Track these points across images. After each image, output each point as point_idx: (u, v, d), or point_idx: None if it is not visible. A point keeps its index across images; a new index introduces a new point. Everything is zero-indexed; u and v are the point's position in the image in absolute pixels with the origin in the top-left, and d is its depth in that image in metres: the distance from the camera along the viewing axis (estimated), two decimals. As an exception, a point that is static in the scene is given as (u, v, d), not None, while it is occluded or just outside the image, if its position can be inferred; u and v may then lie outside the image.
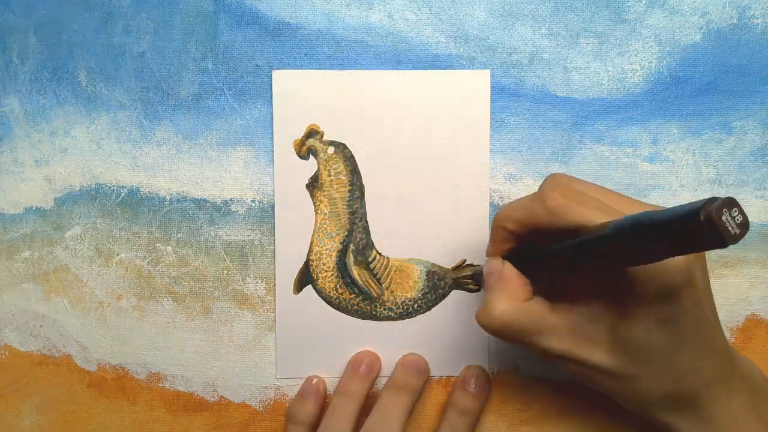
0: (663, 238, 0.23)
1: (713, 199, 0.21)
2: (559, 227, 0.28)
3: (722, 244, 0.21)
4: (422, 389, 0.38)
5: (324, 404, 0.38)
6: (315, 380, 0.38)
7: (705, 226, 0.20)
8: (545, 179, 0.30)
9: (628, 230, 0.24)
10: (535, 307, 0.30)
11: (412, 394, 0.36)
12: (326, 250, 0.38)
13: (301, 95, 0.37)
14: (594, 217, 0.27)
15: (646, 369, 0.29)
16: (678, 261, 0.26)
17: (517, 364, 0.39)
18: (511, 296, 0.30)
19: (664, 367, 0.29)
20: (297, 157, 0.38)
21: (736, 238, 0.21)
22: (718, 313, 0.32)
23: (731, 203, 0.21)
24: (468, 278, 0.38)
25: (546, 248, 0.30)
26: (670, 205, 0.38)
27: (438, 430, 0.37)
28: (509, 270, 0.31)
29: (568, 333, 0.30)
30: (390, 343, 0.38)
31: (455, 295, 0.38)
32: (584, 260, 0.28)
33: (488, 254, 0.33)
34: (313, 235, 0.38)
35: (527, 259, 0.32)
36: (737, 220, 0.21)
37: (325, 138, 0.38)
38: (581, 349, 0.29)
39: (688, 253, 0.23)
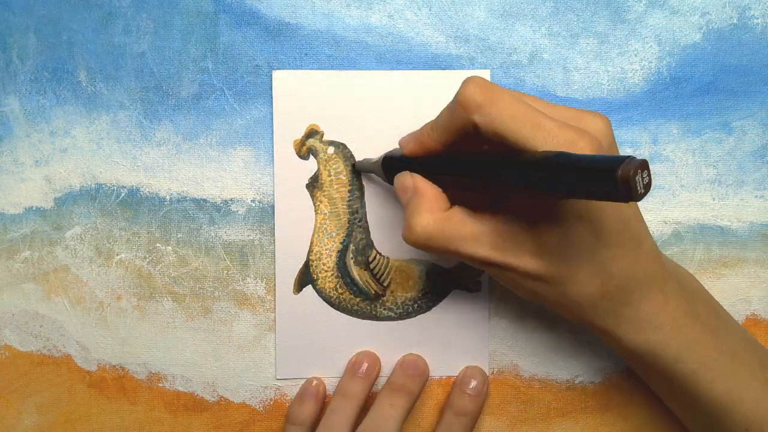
0: (582, 182, 0.24)
1: (630, 159, 0.22)
2: (478, 126, 0.28)
3: (629, 199, 0.22)
4: (421, 391, 0.37)
5: (324, 405, 0.38)
6: (315, 382, 0.38)
7: (620, 183, 0.22)
8: (461, 84, 0.29)
9: (554, 165, 0.25)
10: (456, 216, 0.30)
11: (410, 397, 0.36)
12: (326, 250, 0.38)
13: (301, 95, 0.37)
14: (509, 118, 0.27)
15: (574, 270, 0.29)
16: (589, 151, 0.26)
17: (517, 364, 0.39)
18: (429, 208, 0.30)
19: (591, 267, 0.28)
20: (297, 157, 0.38)
21: (641, 197, 0.22)
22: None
23: (644, 165, 0.22)
24: (468, 277, 0.38)
25: (467, 161, 0.30)
26: (670, 205, 0.38)
27: (435, 430, 0.37)
28: (421, 183, 0.31)
29: (491, 239, 0.29)
30: (390, 343, 0.38)
31: (455, 295, 0.38)
32: (504, 180, 0.28)
33: (403, 149, 0.33)
34: (313, 235, 0.38)
35: (444, 170, 0.31)
36: (645, 180, 0.22)
37: (325, 138, 0.38)
38: (506, 255, 0.29)
39: (597, 200, 0.24)
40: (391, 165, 0.34)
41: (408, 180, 0.31)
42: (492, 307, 0.38)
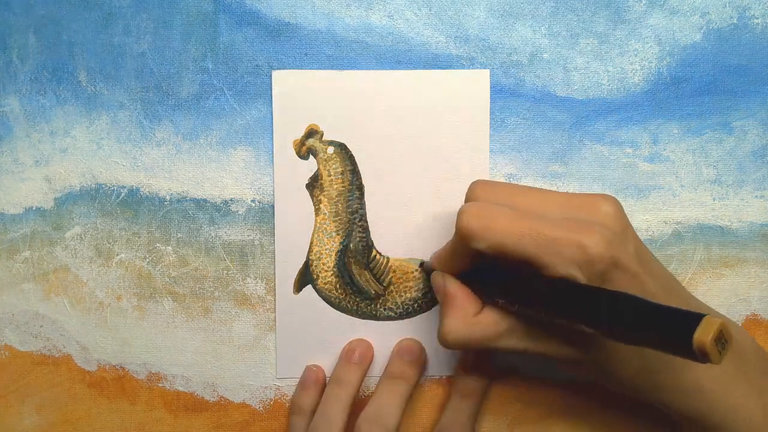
0: (644, 332, 0.23)
1: (708, 322, 0.20)
2: (482, 252, 0.29)
3: (705, 362, 0.21)
4: (419, 376, 0.38)
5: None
6: (314, 368, 0.38)
7: (697, 350, 0.21)
8: (466, 192, 0.31)
9: (596, 298, 0.25)
10: (487, 318, 0.30)
11: (409, 383, 0.36)
12: (326, 250, 0.38)
13: (301, 95, 0.37)
14: (510, 239, 0.27)
15: (612, 353, 0.29)
16: (599, 249, 0.26)
17: (517, 364, 0.39)
18: (458, 314, 0.31)
19: (623, 346, 0.28)
20: (297, 157, 0.38)
21: (719, 360, 0.21)
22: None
23: (722, 329, 0.21)
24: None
25: (494, 282, 0.30)
26: (670, 205, 0.38)
27: (443, 415, 0.37)
28: (451, 286, 0.32)
29: (524, 331, 0.30)
30: (390, 343, 0.38)
31: (455, 295, 0.38)
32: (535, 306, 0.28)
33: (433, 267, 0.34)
34: (313, 235, 0.38)
35: (473, 283, 0.32)
36: (724, 344, 0.21)
37: (325, 138, 0.38)
38: (540, 345, 0.30)
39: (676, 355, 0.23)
40: (429, 268, 0.36)
41: (439, 282, 0.33)
42: (492, 307, 0.38)
